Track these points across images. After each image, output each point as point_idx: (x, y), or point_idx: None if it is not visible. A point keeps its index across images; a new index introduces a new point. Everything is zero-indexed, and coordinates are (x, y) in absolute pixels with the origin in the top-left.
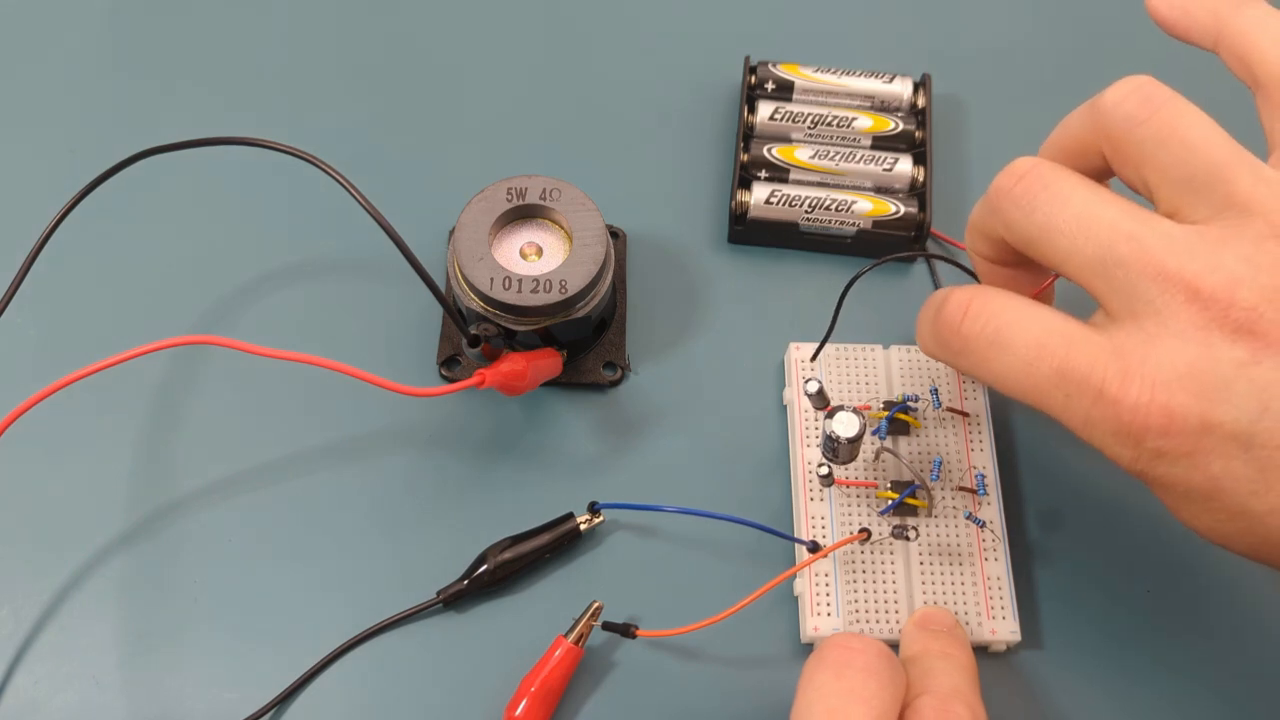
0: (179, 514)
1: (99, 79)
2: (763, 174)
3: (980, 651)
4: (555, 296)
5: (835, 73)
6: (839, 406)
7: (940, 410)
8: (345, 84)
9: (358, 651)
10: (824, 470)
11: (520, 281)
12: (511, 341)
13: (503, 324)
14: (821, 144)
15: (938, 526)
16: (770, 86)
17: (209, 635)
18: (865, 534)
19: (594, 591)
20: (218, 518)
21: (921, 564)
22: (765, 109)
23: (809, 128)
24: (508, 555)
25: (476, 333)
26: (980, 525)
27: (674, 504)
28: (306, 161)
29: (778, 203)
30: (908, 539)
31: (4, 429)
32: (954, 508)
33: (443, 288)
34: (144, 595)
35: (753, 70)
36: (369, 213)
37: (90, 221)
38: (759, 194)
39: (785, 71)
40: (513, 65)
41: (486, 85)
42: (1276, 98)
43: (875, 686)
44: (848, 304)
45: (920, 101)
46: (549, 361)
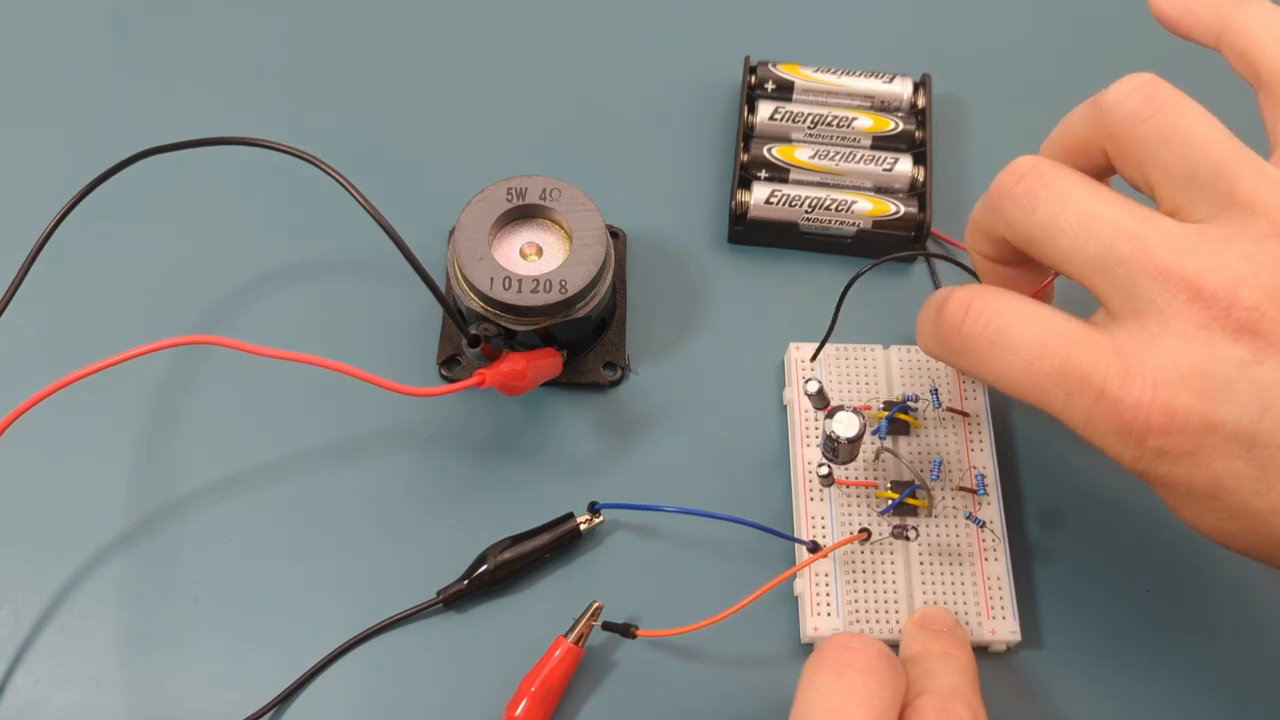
0: (179, 514)
1: (99, 79)
2: (763, 174)
3: (980, 651)
4: (555, 296)
5: (835, 73)
6: (839, 406)
7: (940, 410)
8: (345, 84)
9: (358, 651)
10: (824, 470)
11: (520, 281)
12: (511, 341)
13: (503, 324)
14: (821, 144)
15: (938, 526)
16: (770, 86)
17: (209, 635)
18: (865, 534)
19: (594, 591)
20: (218, 518)
21: (921, 564)
22: (765, 109)
23: (809, 128)
24: (508, 555)
25: (476, 333)
26: (980, 525)
27: (674, 504)
28: (306, 161)
29: (778, 203)
30: (908, 539)
31: (4, 429)
32: (954, 508)
33: (443, 288)
34: (144, 595)
35: (753, 70)
36: (369, 213)
37: (90, 221)
38: (759, 194)
39: (785, 71)
40: (513, 65)
41: (486, 85)
42: (1279, 96)
43: (875, 686)
44: (848, 304)
45: (920, 101)
46: (549, 361)
